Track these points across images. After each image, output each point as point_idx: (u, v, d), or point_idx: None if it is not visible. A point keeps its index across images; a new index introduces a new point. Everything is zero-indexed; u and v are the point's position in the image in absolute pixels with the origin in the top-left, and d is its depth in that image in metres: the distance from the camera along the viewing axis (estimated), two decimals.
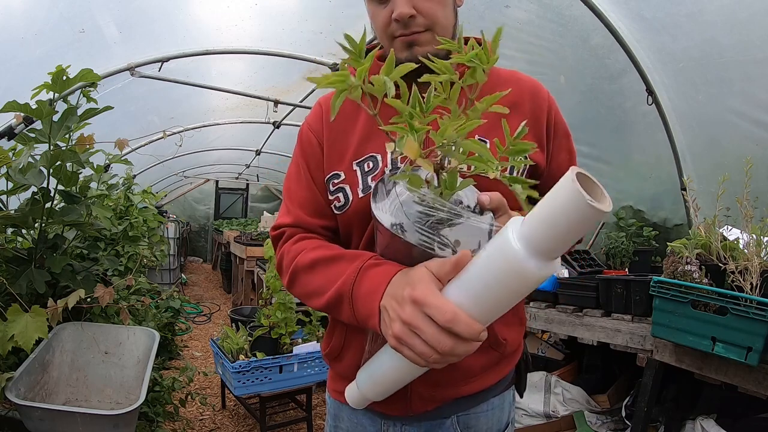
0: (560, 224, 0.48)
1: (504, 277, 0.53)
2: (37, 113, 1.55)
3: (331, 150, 0.88)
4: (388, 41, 0.82)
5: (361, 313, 0.70)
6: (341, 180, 0.86)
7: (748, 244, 1.53)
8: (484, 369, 0.87)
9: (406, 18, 0.77)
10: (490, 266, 0.54)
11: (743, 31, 1.98)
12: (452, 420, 0.88)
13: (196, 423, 3.03)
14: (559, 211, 0.47)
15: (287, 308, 2.82)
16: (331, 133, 0.89)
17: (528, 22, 2.45)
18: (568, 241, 0.50)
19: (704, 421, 1.79)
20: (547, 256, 0.51)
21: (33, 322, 1.44)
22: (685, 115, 2.53)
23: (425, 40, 0.79)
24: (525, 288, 0.54)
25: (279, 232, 0.93)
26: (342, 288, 0.73)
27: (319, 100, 0.96)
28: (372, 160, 0.84)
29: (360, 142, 0.86)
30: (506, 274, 0.53)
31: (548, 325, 2.36)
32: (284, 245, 0.90)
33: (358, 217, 0.85)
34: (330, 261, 0.79)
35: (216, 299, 6.81)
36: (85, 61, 1.85)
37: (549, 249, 0.50)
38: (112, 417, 1.44)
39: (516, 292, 0.54)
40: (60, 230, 1.88)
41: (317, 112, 0.93)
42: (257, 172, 8.33)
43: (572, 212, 0.46)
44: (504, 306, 0.57)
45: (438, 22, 0.79)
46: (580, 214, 0.46)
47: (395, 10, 0.77)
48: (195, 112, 4.35)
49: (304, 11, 2.80)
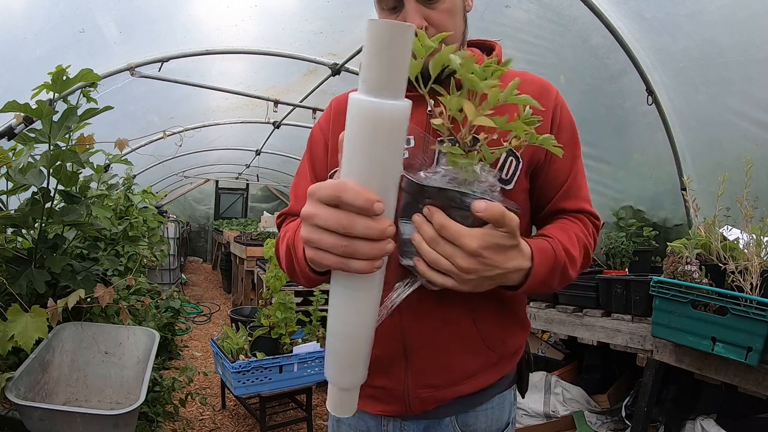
0: (382, 54, 0.52)
1: (364, 127, 0.53)
2: (37, 113, 1.55)
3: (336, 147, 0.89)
4: None
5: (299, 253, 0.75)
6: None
7: (748, 244, 1.53)
8: (483, 369, 0.87)
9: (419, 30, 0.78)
10: (349, 130, 0.55)
11: (743, 31, 1.98)
12: (451, 419, 0.88)
13: (196, 423, 3.03)
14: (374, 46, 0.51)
15: (287, 308, 2.82)
16: (337, 131, 0.90)
17: (528, 22, 2.45)
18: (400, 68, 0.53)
19: (704, 421, 1.79)
20: (389, 91, 0.53)
21: (33, 322, 1.44)
22: (685, 115, 2.52)
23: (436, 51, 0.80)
24: (386, 128, 0.54)
25: (281, 219, 1.01)
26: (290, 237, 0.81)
27: (332, 101, 0.99)
28: None
29: None
30: (363, 122, 0.53)
31: (548, 325, 2.36)
32: (282, 231, 0.96)
33: None
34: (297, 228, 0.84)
35: (216, 299, 6.81)
36: (85, 61, 1.85)
37: (382, 81, 0.53)
38: (112, 417, 1.44)
39: (380, 138, 0.54)
40: (60, 230, 1.88)
41: (327, 112, 0.97)
42: (257, 172, 8.34)
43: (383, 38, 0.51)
44: (380, 161, 0.55)
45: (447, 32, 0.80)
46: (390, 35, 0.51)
47: (407, 22, 0.77)
48: (195, 112, 4.35)
49: (304, 11, 2.79)
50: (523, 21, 2.45)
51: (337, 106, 0.95)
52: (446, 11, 0.79)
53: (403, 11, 0.78)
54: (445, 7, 0.78)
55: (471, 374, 0.86)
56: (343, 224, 0.55)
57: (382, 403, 0.88)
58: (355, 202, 0.53)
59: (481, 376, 0.88)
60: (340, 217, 0.55)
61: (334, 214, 0.55)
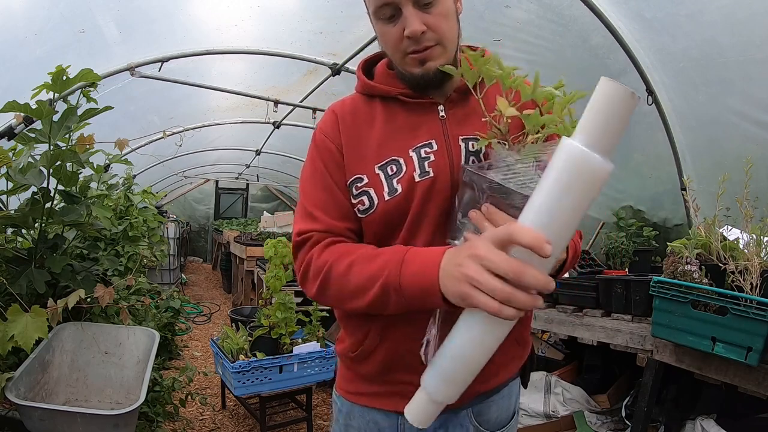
0: (611, 116, 0.56)
1: (574, 180, 0.57)
2: (37, 113, 1.55)
3: (351, 154, 0.90)
4: (400, 57, 0.85)
5: (414, 292, 0.72)
6: (365, 183, 0.88)
7: (748, 244, 1.53)
8: (507, 362, 0.94)
9: (419, 35, 0.80)
10: (558, 177, 0.58)
11: (743, 31, 1.98)
12: (467, 410, 0.93)
13: (196, 423, 3.03)
14: (607, 105, 0.56)
15: (287, 308, 2.82)
16: (349, 139, 0.91)
17: (528, 22, 2.45)
18: (618, 133, 0.57)
19: (704, 421, 1.79)
20: (605, 150, 0.57)
21: (33, 322, 1.44)
22: (685, 115, 2.52)
23: (436, 54, 0.83)
24: (594, 186, 0.58)
25: (304, 237, 0.89)
26: (388, 279, 0.75)
27: (332, 108, 0.96)
28: (395, 164, 0.87)
29: (379, 146, 0.89)
30: (576, 176, 0.57)
31: (548, 325, 2.36)
32: (311, 250, 0.88)
33: (384, 219, 0.87)
34: (367, 260, 0.80)
35: (216, 299, 6.81)
36: (85, 61, 1.85)
37: (606, 142, 0.57)
38: (112, 417, 1.44)
39: (587, 193, 0.58)
40: (60, 230, 1.88)
41: (332, 119, 0.94)
42: (257, 172, 8.33)
43: (617, 102, 0.56)
44: (577, 215, 0.59)
45: (445, 35, 0.83)
46: (624, 103, 0.56)
47: (408, 28, 0.80)
48: (195, 112, 4.34)
49: (304, 11, 2.79)
50: (523, 21, 2.45)
51: (341, 111, 0.94)
52: (441, 15, 0.82)
53: (402, 18, 0.81)
54: (439, 10, 0.81)
55: (496, 370, 0.90)
56: (515, 270, 0.59)
57: (401, 402, 0.89)
58: (526, 240, 0.58)
59: (504, 370, 0.93)
60: (513, 264, 0.59)
61: (508, 261, 0.60)
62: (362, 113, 0.92)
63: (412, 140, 0.88)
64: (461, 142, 0.87)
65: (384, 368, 0.90)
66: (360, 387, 0.95)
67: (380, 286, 0.76)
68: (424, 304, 0.73)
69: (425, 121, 0.89)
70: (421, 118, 0.90)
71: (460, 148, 0.87)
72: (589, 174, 0.57)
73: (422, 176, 0.85)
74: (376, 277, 0.77)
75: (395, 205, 0.85)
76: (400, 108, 0.91)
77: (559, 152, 0.58)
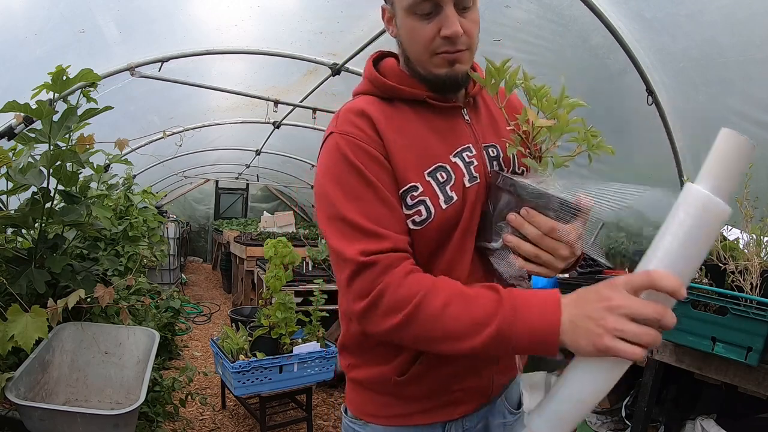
0: (732, 163, 0.64)
1: (705, 226, 0.63)
2: (37, 113, 1.55)
3: (398, 162, 0.83)
4: (428, 56, 0.84)
5: (526, 345, 0.71)
6: (420, 192, 0.83)
7: (748, 244, 1.53)
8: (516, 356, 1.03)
9: (459, 36, 0.80)
10: (687, 223, 0.63)
11: (743, 31, 1.98)
12: (501, 397, 1.00)
13: (196, 423, 3.03)
14: (729, 154, 0.64)
15: (287, 308, 2.82)
16: (392, 144, 0.84)
17: (528, 22, 2.45)
18: (737, 179, 0.65)
19: (704, 421, 1.79)
20: (726, 196, 0.63)
21: (33, 322, 1.44)
22: (685, 115, 2.52)
23: (466, 58, 0.84)
24: (719, 229, 0.64)
25: (373, 258, 0.76)
26: (501, 328, 0.71)
27: (364, 110, 0.85)
28: (443, 171, 0.85)
29: (422, 152, 0.85)
30: (707, 222, 0.63)
31: None
32: (384, 277, 0.76)
33: (439, 230, 0.84)
34: (464, 301, 0.74)
35: (216, 299, 6.80)
36: (85, 61, 1.85)
37: (726, 187, 0.63)
38: (112, 417, 1.44)
39: (713, 236, 0.64)
40: (60, 230, 1.88)
41: (365, 124, 0.84)
42: (257, 172, 8.33)
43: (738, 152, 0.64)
44: (703, 257, 0.66)
45: (474, 42, 0.85)
46: (745, 153, 0.64)
47: (448, 28, 0.79)
48: (195, 112, 4.34)
49: (304, 11, 2.79)
50: (523, 21, 2.45)
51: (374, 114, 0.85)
52: (474, 21, 0.84)
53: (440, 17, 0.80)
54: (473, 17, 0.83)
55: (514, 363, 1.01)
56: (660, 313, 0.63)
57: (464, 404, 0.92)
58: (669, 285, 0.62)
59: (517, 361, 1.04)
60: (657, 308, 0.63)
61: (650, 305, 0.63)
62: (393, 117, 0.86)
63: (451, 145, 0.87)
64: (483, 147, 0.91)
65: (441, 385, 0.88)
66: (405, 408, 0.90)
67: (491, 336, 0.71)
68: (532, 352, 0.74)
69: (455, 125, 0.90)
70: (450, 122, 0.90)
71: (483, 152, 0.90)
72: (718, 219, 0.63)
73: (471, 182, 0.86)
74: (482, 323, 0.71)
75: (453, 214, 0.84)
76: (429, 112, 0.89)
77: (690, 199, 0.64)
